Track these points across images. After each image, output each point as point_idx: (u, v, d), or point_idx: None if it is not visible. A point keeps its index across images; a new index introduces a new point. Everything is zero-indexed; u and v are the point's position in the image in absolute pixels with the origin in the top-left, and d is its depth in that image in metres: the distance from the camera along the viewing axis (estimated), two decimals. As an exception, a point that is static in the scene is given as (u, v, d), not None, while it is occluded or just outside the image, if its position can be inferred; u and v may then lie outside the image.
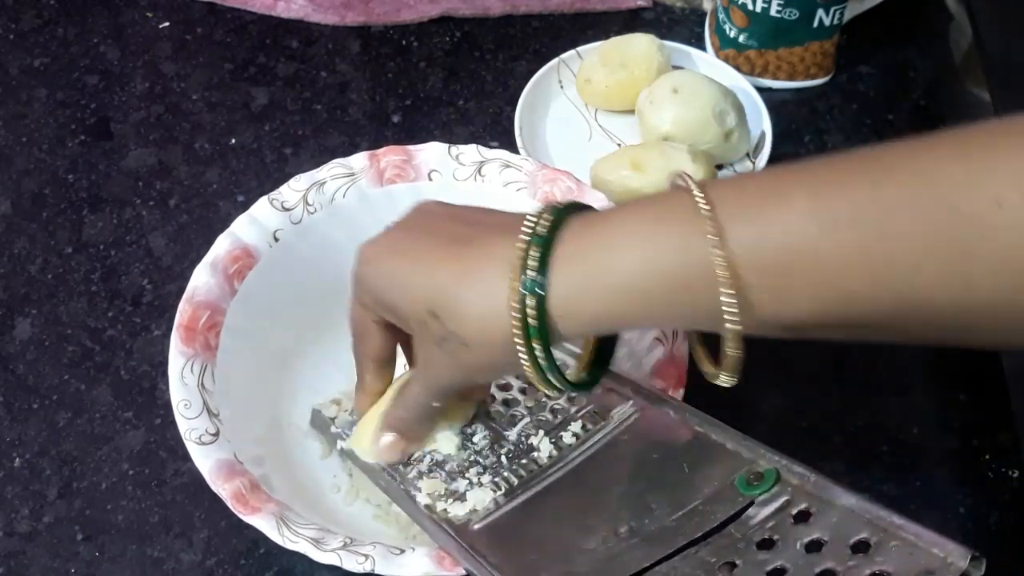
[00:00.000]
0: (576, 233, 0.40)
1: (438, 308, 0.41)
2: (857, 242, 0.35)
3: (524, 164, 0.56)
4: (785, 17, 0.70)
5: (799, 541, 0.36)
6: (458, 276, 0.41)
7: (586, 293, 0.39)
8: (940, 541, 0.34)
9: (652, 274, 0.38)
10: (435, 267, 0.41)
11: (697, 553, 0.38)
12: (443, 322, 0.41)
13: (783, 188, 0.37)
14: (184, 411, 0.48)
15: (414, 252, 0.43)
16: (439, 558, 0.43)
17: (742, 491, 0.39)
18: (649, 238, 0.38)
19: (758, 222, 0.37)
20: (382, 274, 0.44)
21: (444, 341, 0.41)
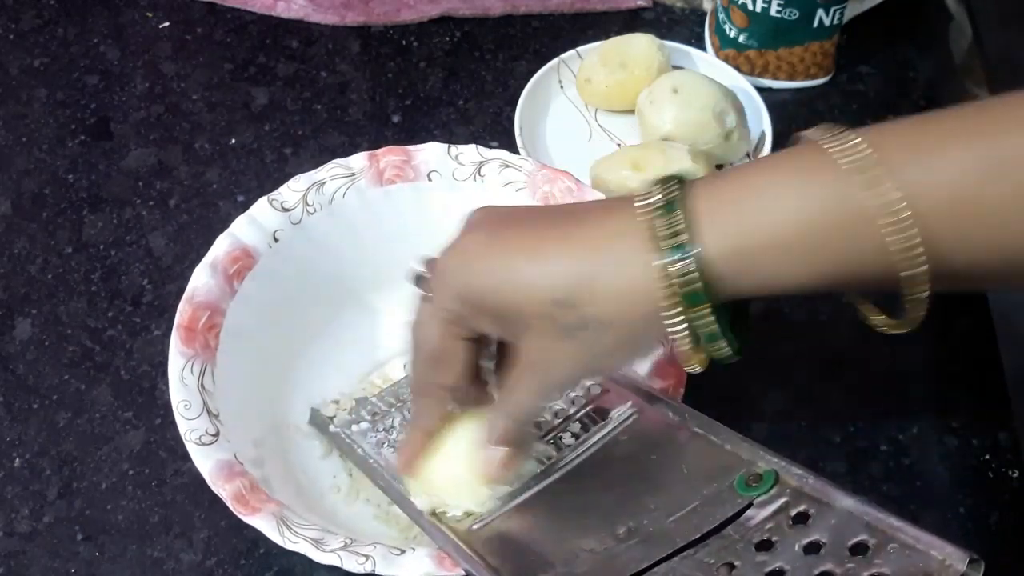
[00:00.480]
0: (708, 194, 0.37)
1: (569, 295, 0.38)
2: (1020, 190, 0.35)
3: (523, 164, 0.56)
4: (785, 17, 0.70)
5: (798, 543, 0.36)
6: (584, 258, 0.38)
7: (744, 249, 0.37)
8: (939, 544, 0.34)
9: (814, 224, 0.36)
10: (554, 254, 0.39)
11: (696, 554, 0.38)
12: (577, 308, 0.38)
13: (944, 132, 0.36)
14: (184, 411, 0.48)
15: (520, 244, 0.40)
16: (440, 558, 0.43)
17: (741, 492, 0.39)
18: (801, 188, 0.36)
19: (926, 165, 0.35)
20: (486, 274, 0.40)
21: (576, 330, 0.39)
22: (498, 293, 0.40)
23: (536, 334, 0.40)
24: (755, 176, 0.38)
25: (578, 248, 0.39)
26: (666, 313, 0.37)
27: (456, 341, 0.42)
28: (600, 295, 0.38)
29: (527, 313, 0.39)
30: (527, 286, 0.39)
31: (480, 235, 0.41)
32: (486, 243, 0.41)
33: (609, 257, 0.38)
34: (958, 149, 0.35)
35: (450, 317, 0.42)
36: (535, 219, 0.41)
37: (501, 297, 0.40)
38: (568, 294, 0.38)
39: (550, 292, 0.39)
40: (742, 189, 0.37)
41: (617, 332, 0.39)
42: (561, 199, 0.54)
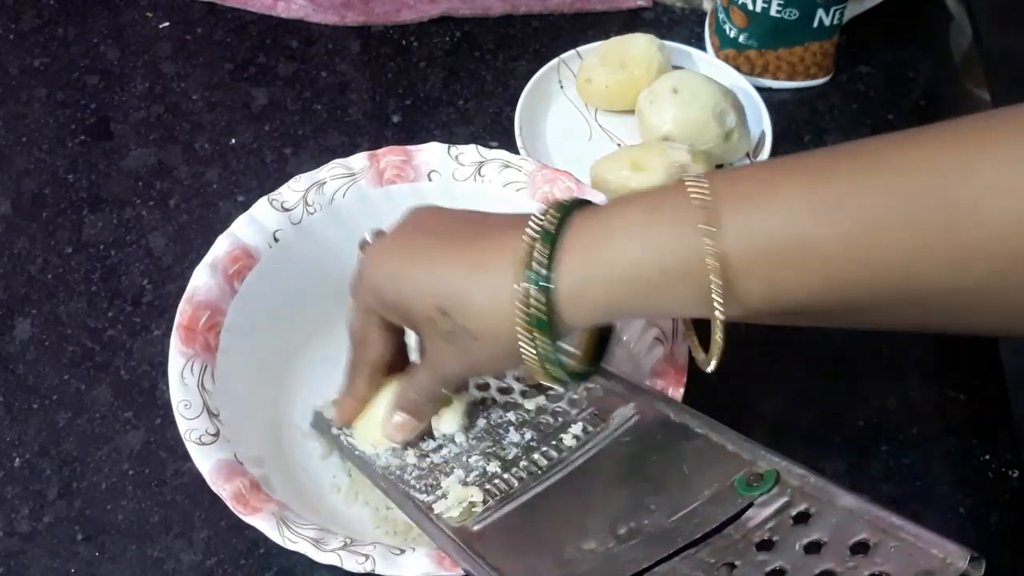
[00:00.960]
0: (579, 227, 0.41)
1: (447, 304, 0.42)
2: (848, 230, 0.36)
3: (524, 164, 0.56)
4: (785, 17, 0.70)
5: (798, 542, 0.36)
6: (466, 272, 0.42)
7: (589, 284, 0.40)
8: (939, 542, 0.34)
9: (651, 263, 0.39)
10: (442, 264, 0.43)
11: (696, 554, 0.38)
12: (452, 317, 0.42)
13: (776, 178, 0.38)
14: (184, 411, 0.48)
15: (419, 251, 0.44)
16: (439, 558, 0.43)
17: (741, 492, 0.39)
18: (647, 229, 0.39)
19: (750, 212, 0.38)
20: (388, 275, 0.45)
21: (453, 336, 0.43)
22: (396, 294, 0.45)
23: (427, 335, 0.45)
24: (617, 216, 0.41)
25: (464, 262, 0.42)
26: (519, 333, 0.41)
27: (373, 327, 0.48)
28: (471, 309, 0.42)
29: (416, 315, 0.44)
30: (415, 292, 0.44)
31: (398, 236, 0.46)
32: (398, 246, 0.45)
33: (485, 276, 0.42)
34: (786, 194, 0.37)
35: (366, 307, 0.47)
36: (447, 226, 0.45)
37: (396, 299, 0.45)
38: (446, 304, 0.42)
39: (432, 299, 0.43)
40: (604, 227, 0.41)
41: (485, 343, 0.42)
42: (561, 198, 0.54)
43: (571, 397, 0.49)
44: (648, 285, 0.40)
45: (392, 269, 0.45)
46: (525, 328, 0.41)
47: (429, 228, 0.45)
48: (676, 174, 0.41)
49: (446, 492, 0.46)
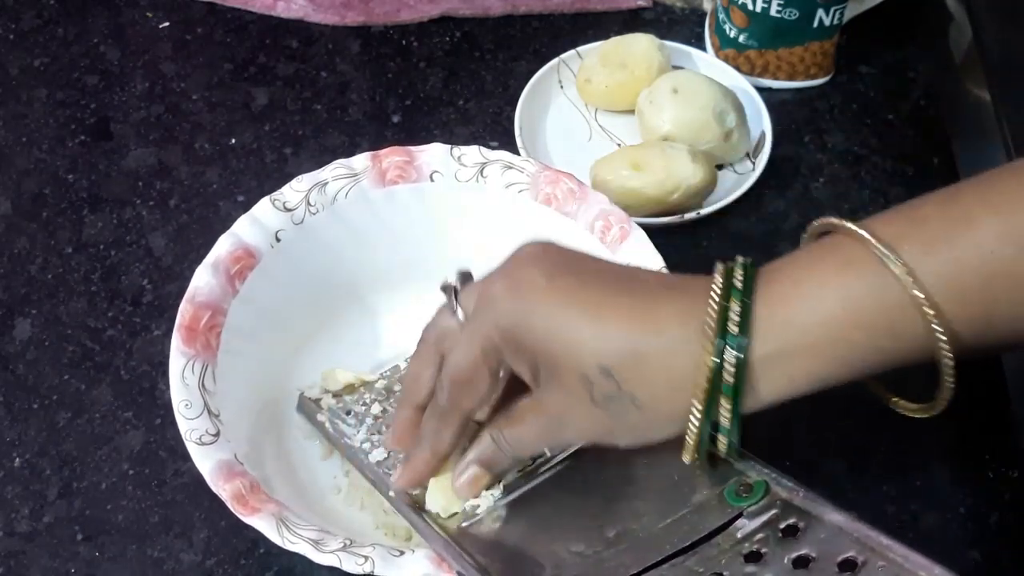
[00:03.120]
0: (767, 290, 0.38)
1: (615, 366, 0.38)
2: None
3: (526, 166, 0.56)
4: (785, 17, 0.70)
5: (787, 556, 0.36)
6: (644, 335, 0.38)
7: (787, 353, 0.38)
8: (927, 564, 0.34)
9: (853, 325, 0.37)
10: (612, 321, 0.39)
11: (685, 562, 0.38)
12: (618, 381, 0.38)
13: (964, 211, 0.37)
14: (184, 411, 0.48)
15: (585, 299, 0.39)
16: (439, 560, 0.43)
17: (731, 502, 0.39)
18: (842, 288, 0.37)
19: (949, 251, 0.37)
20: (541, 317, 0.39)
21: (610, 400, 0.39)
22: (544, 341, 0.39)
23: (566, 391, 0.40)
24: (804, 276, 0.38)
25: (637, 322, 0.38)
26: (694, 406, 0.38)
27: (487, 371, 0.42)
28: (644, 377, 0.38)
29: (566, 369, 0.39)
30: (576, 344, 0.39)
31: (537, 274, 0.40)
32: (544, 286, 0.40)
33: (666, 341, 0.38)
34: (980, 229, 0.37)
35: (488, 347, 0.41)
36: (597, 275, 0.41)
37: (546, 346, 0.39)
38: (614, 365, 0.38)
39: (598, 358, 0.38)
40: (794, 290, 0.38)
41: (645, 415, 0.39)
42: (563, 200, 0.54)
43: None
44: (849, 347, 0.38)
45: (546, 310, 0.39)
46: (702, 400, 0.38)
47: (578, 271, 0.40)
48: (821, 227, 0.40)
49: None
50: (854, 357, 0.38)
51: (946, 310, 0.37)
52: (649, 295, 0.39)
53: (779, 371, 0.38)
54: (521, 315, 0.40)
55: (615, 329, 0.38)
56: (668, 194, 0.63)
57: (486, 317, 0.41)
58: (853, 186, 0.68)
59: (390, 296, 0.58)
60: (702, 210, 0.64)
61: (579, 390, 0.39)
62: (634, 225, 0.53)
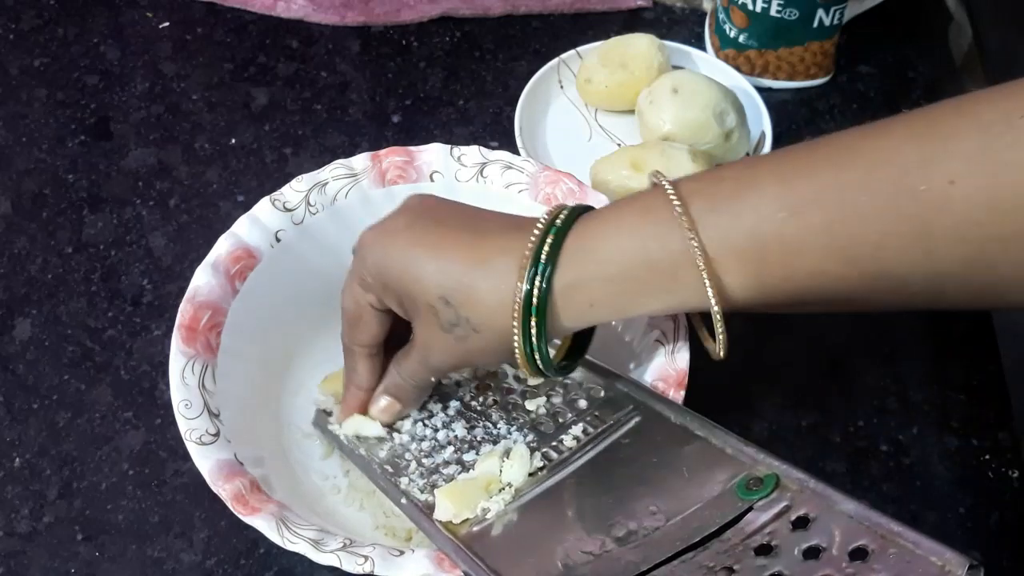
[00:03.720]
0: (579, 230, 0.43)
1: (451, 295, 0.43)
2: (823, 223, 0.39)
3: (526, 166, 0.56)
4: (785, 17, 0.70)
5: (797, 547, 0.36)
6: (473, 266, 0.43)
7: (583, 282, 0.42)
8: (939, 549, 0.34)
9: (641, 263, 0.42)
10: (450, 256, 0.44)
11: (695, 558, 0.38)
12: (455, 308, 0.44)
13: (753, 177, 0.40)
14: (184, 411, 0.48)
15: (427, 239, 0.45)
16: (439, 560, 0.43)
17: (741, 496, 0.39)
18: (636, 231, 0.42)
19: (730, 211, 0.40)
20: (394, 258, 0.45)
21: (453, 327, 0.44)
22: (399, 278, 0.45)
23: (423, 321, 0.45)
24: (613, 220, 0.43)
25: (471, 256, 0.44)
26: (515, 327, 0.43)
27: (368, 308, 0.48)
28: (475, 301, 0.43)
29: (418, 301, 0.45)
30: (421, 278, 0.44)
31: (402, 220, 0.46)
32: (404, 229, 0.46)
33: (491, 272, 0.43)
34: (762, 192, 0.40)
35: (364, 286, 0.47)
36: (454, 219, 0.46)
37: (400, 283, 0.45)
38: (450, 294, 0.43)
39: (437, 289, 0.44)
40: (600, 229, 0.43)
41: (484, 336, 0.44)
42: (563, 200, 0.54)
43: (571, 398, 0.49)
44: (640, 283, 0.42)
45: (398, 252, 0.45)
46: (519, 321, 0.42)
47: (435, 217, 0.46)
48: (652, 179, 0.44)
49: None
50: (643, 294, 0.42)
51: (718, 265, 0.40)
52: (488, 233, 0.44)
53: (579, 296, 0.42)
54: (381, 256, 0.46)
55: (452, 263, 0.44)
56: (668, 194, 0.63)
57: (359, 260, 0.47)
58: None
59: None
60: (702, 210, 0.64)
61: (430, 319, 0.45)
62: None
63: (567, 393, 0.49)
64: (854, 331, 0.61)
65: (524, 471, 0.46)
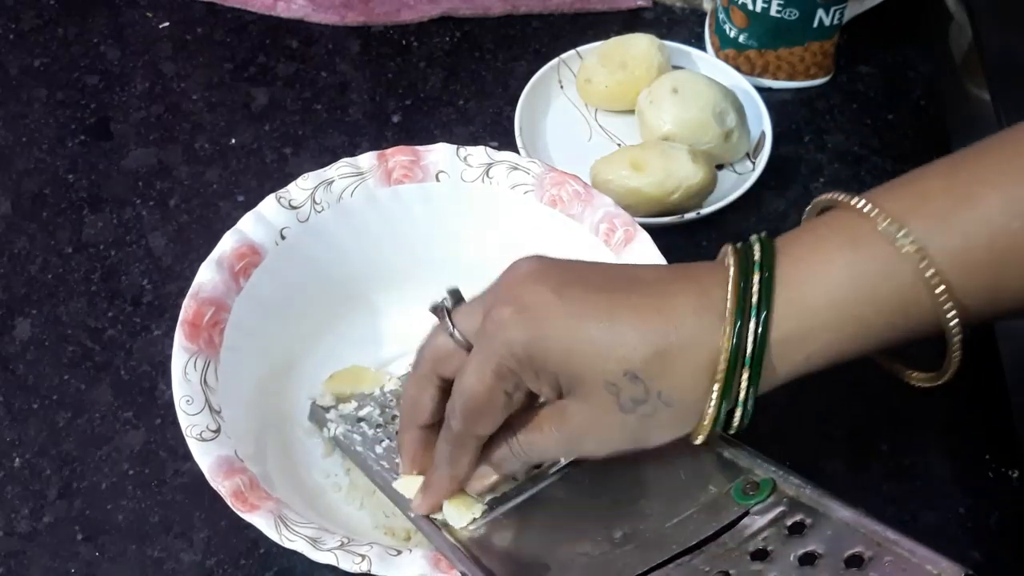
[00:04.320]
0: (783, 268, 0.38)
1: (641, 369, 0.38)
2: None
3: (532, 167, 0.56)
4: (785, 17, 0.70)
5: (793, 553, 0.36)
6: (663, 330, 0.38)
7: (804, 333, 0.38)
8: (934, 558, 0.34)
9: (867, 303, 0.37)
10: (627, 323, 0.38)
11: (691, 561, 0.38)
12: (645, 383, 0.38)
13: (967, 187, 0.38)
14: (186, 407, 0.47)
15: (593, 308, 0.39)
16: (435, 560, 0.43)
17: (738, 500, 0.39)
18: (854, 269, 0.38)
19: (957, 229, 0.37)
20: (555, 338, 0.39)
21: (637, 404, 0.38)
22: (564, 359, 0.39)
23: (592, 400, 0.39)
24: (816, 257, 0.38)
25: (653, 320, 0.38)
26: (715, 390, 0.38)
27: (503, 397, 0.41)
28: (671, 372, 0.38)
29: (591, 381, 0.38)
30: (599, 355, 0.38)
31: (544, 291, 0.39)
32: (554, 303, 0.39)
33: (685, 332, 0.38)
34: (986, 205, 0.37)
35: (503, 373, 0.40)
36: (599, 281, 0.40)
37: (567, 364, 0.39)
38: (641, 367, 0.38)
39: (623, 364, 0.38)
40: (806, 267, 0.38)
41: (674, 410, 0.39)
42: (569, 202, 0.54)
43: None
44: (862, 326, 0.38)
45: (560, 330, 0.38)
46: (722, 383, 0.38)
47: (579, 280, 0.40)
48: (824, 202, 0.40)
49: None
50: (867, 334, 0.38)
51: (956, 286, 0.37)
52: (658, 290, 0.39)
53: (795, 350, 0.38)
54: (536, 337, 0.39)
55: (633, 332, 0.38)
56: (668, 194, 0.63)
57: (497, 343, 0.40)
58: (853, 186, 0.67)
59: (394, 295, 0.58)
60: (702, 210, 0.64)
61: (606, 399, 0.38)
62: (639, 228, 0.53)
63: None
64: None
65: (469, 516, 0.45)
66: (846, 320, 0.38)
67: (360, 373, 0.55)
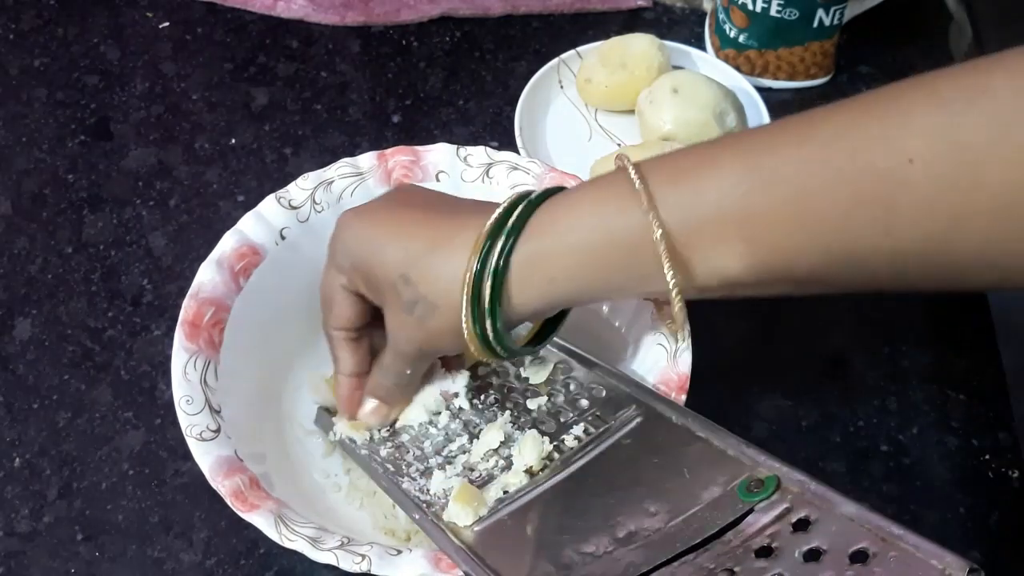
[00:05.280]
0: (545, 207, 0.43)
1: (411, 272, 0.44)
2: (784, 198, 0.38)
3: (532, 167, 0.56)
4: (785, 17, 0.70)
5: (798, 549, 0.36)
6: (432, 243, 0.44)
7: (544, 255, 0.42)
8: (939, 552, 0.34)
9: (601, 237, 0.41)
10: (411, 235, 0.44)
11: (696, 559, 0.38)
12: (414, 286, 0.44)
13: (714, 154, 0.40)
14: (186, 407, 0.47)
15: (392, 221, 0.45)
16: (436, 559, 0.43)
17: (742, 498, 0.39)
18: (597, 210, 0.42)
19: (691, 187, 0.40)
20: (360, 239, 0.46)
21: (414, 305, 0.44)
22: (365, 259, 0.45)
23: (389, 306, 0.45)
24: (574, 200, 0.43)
25: (433, 234, 0.44)
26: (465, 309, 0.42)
27: (341, 291, 0.47)
28: (432, 278, 0.43)
29: (381, 282, 0.45)
30: (382, 258, 0.44)
31: (376, 204, 0.47)
32: (376, 215, 0.46)
33: (452, 246, 0.43)
34: (723, 169, 0.39)
35: (337, 268, 0.47)
36: (425, 202, 0.46)
37: (366, 263, 0.45)
38: (410, 271, 0.44)
39: (397, 267, 0.44)
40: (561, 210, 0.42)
41: (443, 313, 0.43)
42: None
43: (573, 398, 0.49)
44: (597, 258, 0.41)
45: (364, 233, 0.46)
46: (470, 298, 0.42)
47: (406, 202, 0.47)
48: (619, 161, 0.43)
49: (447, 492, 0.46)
50: (603, 269, 0.42)
51: (677, 240, 0.40)
52: (453, 215, 0.44)
53: (538, 271, 0.42)
54: (350, 239, 0.46)
55: (413, 240, 0.44)
56: (668, 194, 0.63)
57: (332, 241, 0.47)
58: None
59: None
60: (702, 210, 0.64)
61: (394, 301, 0.45)
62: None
63: (569, 393, 0.49)
64: (854, 331, 0.61)
65: (536, 453, 0.46)
66: (583, 250, 0.41)
67: None
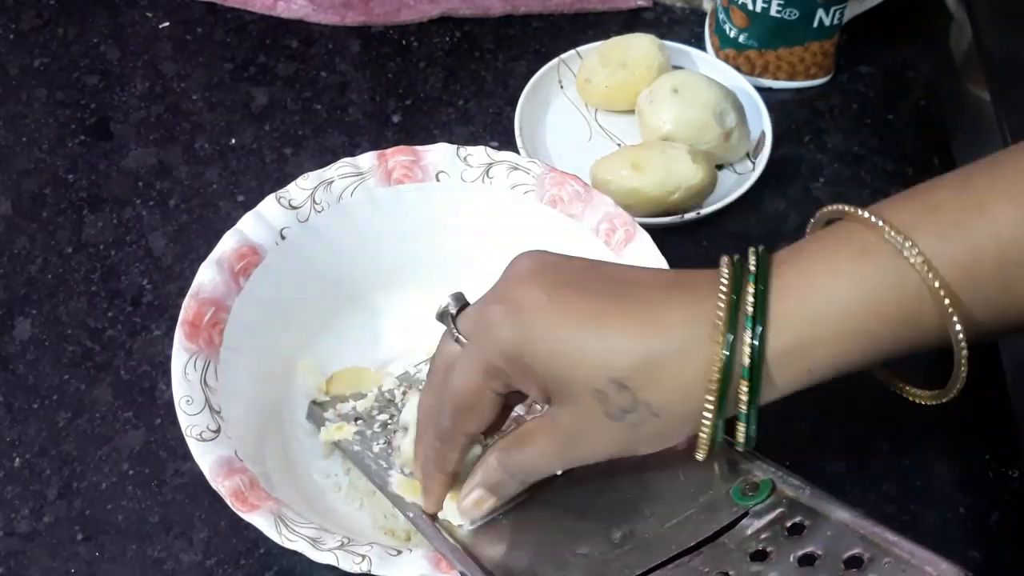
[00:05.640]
0: (776, 280, 0.37)
1: (628, 377, 0.37)
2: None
3: (532, 167, 0.56)
4: (785, 17, 0.70)
5: (792, 554, 0.36)
6: (641, 339, 0.37)
7: (806, 346, 0.37)
8: (933, 559, 0.34)
9: (872, 316, 0.37)
10: (617, 330, 0.38)
11: (690, 562, 0.38)
12: (632, 392, 0.37)
13: (977, 198, 0.37)
14: (186, 407, 0.47)
15: (584, 314, 0.38)
16: (436, 560, 0.43)
17: (737, 501, 0.39)
18: (859, 279, 0.37)
19: (965, 240, 0.36)
20: (542, 339, 0.38)
21: (626, 413, 0.38)
22: (551, 362, 0.38)
23: (580, 407, 0.39)
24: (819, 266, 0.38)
25: (643, 328, 0.37)
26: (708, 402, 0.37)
27: (490, 396, 0.41)
28: (659, 382, 0.37)
29: (578, 387, 0.38)
30: (586, 361, 0.38)
31: (536, 292, 0.39)
32: (544, 304, 0.39)
33: (674, 342, 0.37)
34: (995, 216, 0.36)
35: (491, 371, 0.40)
36: (595, 284, 0.39)
37: (555, 366, 0.38)
38: (628, 376, 0.37)
39: (609, 371, 0.37)
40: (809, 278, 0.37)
41: (664, 421, 0.38)
42: (569, 202, 0.54)
43: None
44: (867, 339, 0.37)
45: (546, 331, 0.38)
46: (716, 396, 0.37)
47: (575, 283, 0.39)
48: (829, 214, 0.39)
49: None
50: (872, 346, 0.38)
51: (964, 299, 0.36)
52: (651, 297, 0.38)
53: (797, 363, 0.37)
54: (523, 338, 0.39)
55: (622, 339, 0.37)
56: (668, 194, 0.63)
57: (486, 341, 0.40)
58: (853, 186, 0.68)
59: (394, 295, 0.58)
60: (702, 210, 0.64)
61: (594, 406, 0.38)
62: (639, 228, 0.53)
63: None
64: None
65: None
66: (850, 332, 0.37)
67: (359, 373, 0.55)
